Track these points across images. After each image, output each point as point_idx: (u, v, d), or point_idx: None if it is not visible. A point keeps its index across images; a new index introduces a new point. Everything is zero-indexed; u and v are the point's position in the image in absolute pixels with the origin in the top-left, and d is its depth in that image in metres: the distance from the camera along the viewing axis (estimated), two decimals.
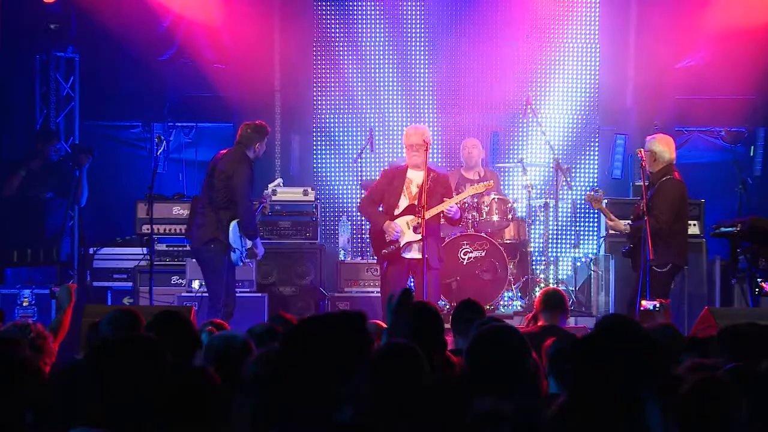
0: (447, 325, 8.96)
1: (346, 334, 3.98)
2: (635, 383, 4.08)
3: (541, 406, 4.59)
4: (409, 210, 11.51)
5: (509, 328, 5.12)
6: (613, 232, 12.37)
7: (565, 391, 4.93)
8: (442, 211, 11.61)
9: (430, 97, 15.54)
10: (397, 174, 11.81)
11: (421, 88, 15.59)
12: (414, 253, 11.47)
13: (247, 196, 11.46)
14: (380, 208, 11.82)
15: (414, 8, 15.67)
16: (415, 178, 11.59)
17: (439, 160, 14.47)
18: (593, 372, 4.17)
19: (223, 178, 11.41)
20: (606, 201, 12.27)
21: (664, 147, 11.25)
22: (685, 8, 14.90)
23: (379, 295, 12.10)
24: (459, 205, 12.20)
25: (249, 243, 11.68)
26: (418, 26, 15.69)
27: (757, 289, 10.50)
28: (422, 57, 15.64)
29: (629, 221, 11.50)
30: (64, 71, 15.59)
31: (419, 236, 11.36)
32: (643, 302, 10.01)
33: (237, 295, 11.88)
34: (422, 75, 15.62)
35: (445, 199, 11.70)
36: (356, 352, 3.99)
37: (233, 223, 11.34)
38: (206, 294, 11.87)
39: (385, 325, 6.58)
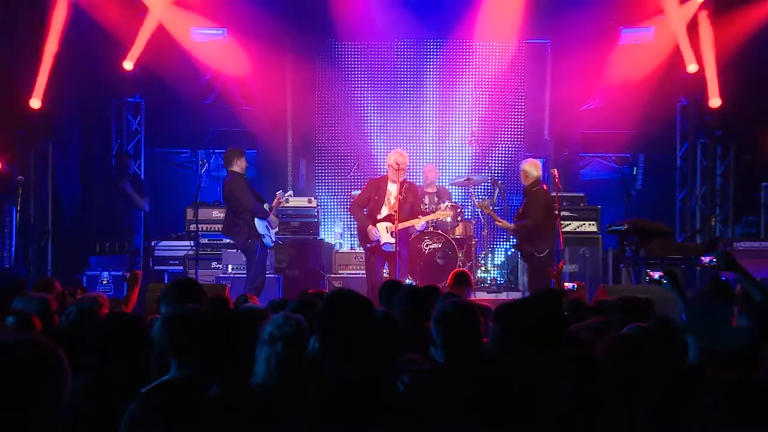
0: None
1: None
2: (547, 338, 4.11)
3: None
4: (388, 218, 11.52)
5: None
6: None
7: None
8: (413, 226, 11.78)
9: (403, 131, 15.54)
10: (381, 184, 11.78)
11: (396, 124, 15.60)
12: (390, 248, 11.52)
13: (249, 198, 11.49)
14: (365, 210, 11.78)
15: (392, 65, 15.68)
16: (393, 190, 11.58)
17: (408, 176, 14.52)
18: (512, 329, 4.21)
19: (231, 196, 11.50)
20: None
21: (532, 168, 11.54)
22: (586, 67, 14.91)
23: (364, 275, 12.16)
24: (424, 225, 12.30)
25: (274, 228, 11.78)
26: (394, 78, 15.68)
27: (648, 280, 10.60)
28: (397, 101, 15.66)
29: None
30: (133, 112, 15.66)
31: (394, 240, 11.39)
32: (566, 284, 10.07)
33: (266, 275, 11.97)
34: (397, 114, 15.63)
35: (418, 216, 11.80)
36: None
37: (256, 220, 11.43)
38: (240, 275, 12.07)
39: None
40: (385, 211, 11.60)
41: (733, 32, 13.71)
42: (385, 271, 11.73)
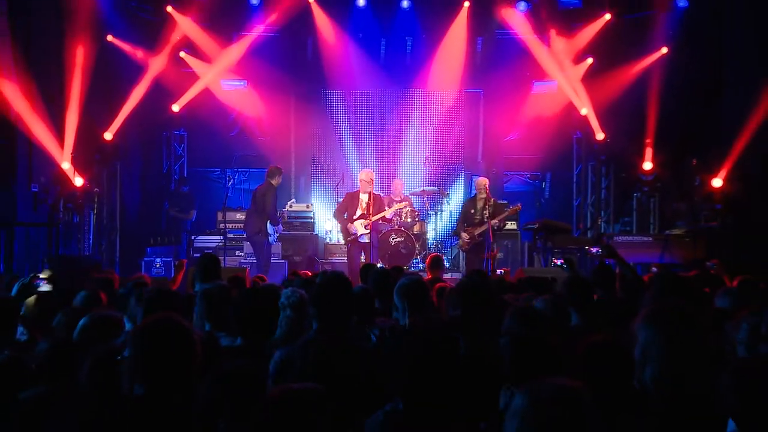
0: None
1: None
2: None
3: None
4: (362, 217, 11.77)
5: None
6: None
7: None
8: (383, 216, 11.98)
9: (375, 155, 15.60)
10: (354, 196, 12.02)
11: (371, 150, 15.64)
12: (365, 239, 11.74)
13: (272, 206, 11.74)
14: (345, 215, 12.00)
15: (367, 106, 15.71)
16: (364, 198, 11.82)
17: (378, 189, 14.61)
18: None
19: (260, 199, 11.68)
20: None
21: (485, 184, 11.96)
22: (508, 109, 15.05)
23: (346, 261, 12.31)
24: (392, 214, 12.48)
25: (278, 230, 11.99)
26: (369, 116, 15.72)
27: (553, 265, 10.69)
28: (371, 132, 15.68)
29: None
30: (178, 141, 15.73)
31: (368, 231, 11.65)
32: (498, 270, 10.19)
33: (271, 261, 12.17)
34: (371, 143, 15.66)
35: (384, 209, 12.08)
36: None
37: (267, 221, 11.66)
38: (254, 261, 12.17)
39: None
40: (359, 213, 11.83)
41: (612, 85, 13.96)
42: (362, 259, 11.91)
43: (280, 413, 2.48)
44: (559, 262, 7.37)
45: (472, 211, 12.03)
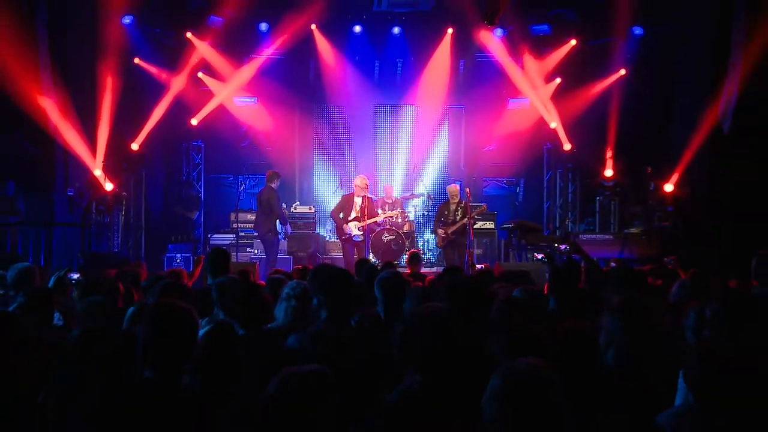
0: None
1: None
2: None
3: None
4: (356, 219, 11.76)
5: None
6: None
7: None
8: (375, 221, 11.95)
9: (370, 162, 15.55)
10: (350, 198, 11.95)
11: (366, 158, 15.61)
12: (358, 238, 11.73)
13: (278, 207, 11.68)
14: (341, 215, 11.93)
15: (362, 120, 15.69)
16: (358, 201, 11.80)
17: (371, 192, 14.59)
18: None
19: (265, 203, 11.64)
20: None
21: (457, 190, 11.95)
22: (487, 123, 15.11)
23: (342, 256, 12.33)
24: (383, 219, 12.48)
25: (287, 230, 11.95)
26: (364, 129, 15.70)
27: (534, 258, 10.62)
28: (366, 142, 15.67)
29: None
30: (196, 151, 15.64)
31: (361, 233, 11.64)
32: (477, 265, 10.19)
33: (277, 257, 12.12)
34: (366, 152, 15.66)
35: (377, 212, 12.00)
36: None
37: (276, 220, 11.61)
38: (264, 257, 12.14)
39: None
40: (354, 215, 11.81)
41: (578, 102, 14.01)
42: (354, 255, 11.91)
43: (287, 395, 2.43)
44: (540, 257, 7.42)
45: (446, 212, 12.07)
